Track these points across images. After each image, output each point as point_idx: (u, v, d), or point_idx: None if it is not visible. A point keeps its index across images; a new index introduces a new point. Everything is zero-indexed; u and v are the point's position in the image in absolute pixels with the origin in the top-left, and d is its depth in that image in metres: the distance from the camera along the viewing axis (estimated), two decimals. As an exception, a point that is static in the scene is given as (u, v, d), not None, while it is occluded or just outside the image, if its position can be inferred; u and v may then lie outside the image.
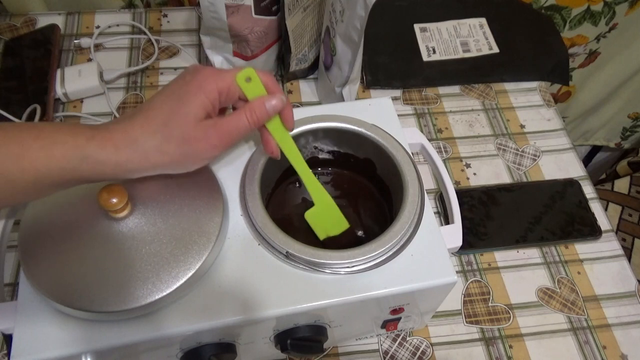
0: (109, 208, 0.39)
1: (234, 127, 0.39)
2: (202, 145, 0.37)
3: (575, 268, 0.60)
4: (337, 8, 0.59)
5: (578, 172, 0.68)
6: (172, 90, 0.38)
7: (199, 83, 0.37)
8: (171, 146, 0.36)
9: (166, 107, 0.37)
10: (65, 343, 0.38)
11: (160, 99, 0.38)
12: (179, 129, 0.36)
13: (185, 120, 0.36)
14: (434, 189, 0.66)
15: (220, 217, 0.42)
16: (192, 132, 0.36)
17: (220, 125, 0.38)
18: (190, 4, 0.82)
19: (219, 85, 0.38)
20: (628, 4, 0.92)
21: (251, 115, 0.39)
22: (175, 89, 0.38)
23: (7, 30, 0.76)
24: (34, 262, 0.39)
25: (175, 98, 0.37)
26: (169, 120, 0.36)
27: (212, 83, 0.38)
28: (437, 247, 0.44)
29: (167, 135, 0.36)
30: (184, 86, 0.38)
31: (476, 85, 0.76)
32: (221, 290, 0.40)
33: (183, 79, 0.38)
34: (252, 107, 0.39)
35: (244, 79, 0.39)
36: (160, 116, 0.36)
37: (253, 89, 0.40)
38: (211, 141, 0.37)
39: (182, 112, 0.36)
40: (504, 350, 0.55)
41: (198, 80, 0.38)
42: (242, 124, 0.39)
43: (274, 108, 0.40)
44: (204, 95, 0.37)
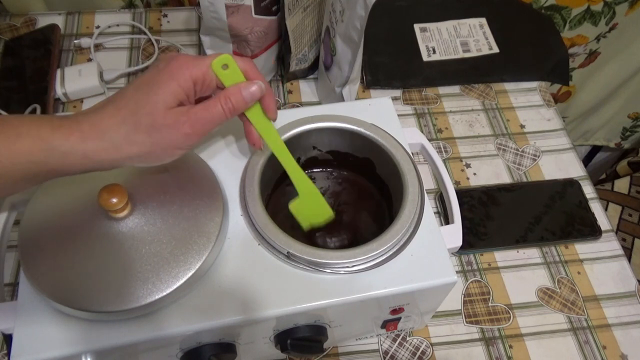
0: (109, 208, 0.39)
1: (208, 114, 0.37)
2: (173, 133, 0.35)
3: (575, 268, 0.60)
4: (337, 8, 0.59)
5: (578, 172, 0.68)
6: (144, 79, 0.36)
7: (171, 71, 0.36)
8: (140, 135, 0.35)
9: (136, 96, 0.35)
10: (65, 343, 0.38)
11: (132, 88, 0.36)
12: (148, 117, 0.35)
13: (155, 108, 0.35)
14: (434, 189, 0.66)
15: (220, 217, 0.42)
16: (161, 119, 0.35)
17: (194, 113, 0.36)
18: (190, 4, 0.82)
19: (193, 73, 0.36)
20: (628, 4, 0.92)
21: (226, 102, 0.37)
22: (148, 78, 0.36)
23: (7, 30, 0.76)
24: (34, 262, 0.39)
25: (146, 87, 0.35)
26: (137, 109, 0.35)
27: (186, 71, 0.36)
28: (437, 247, 0.44)
29: (135, 123, 0.35)
30: (156, 75, 0.36)
31: (476, 85, 0.76)
32: (221, 290, 0.40)
33: (156, 68, 0.36)
34: (227, 94, 0.37)
35: (221, 66, 0.37)
36: (130, 105, 0.35)
37: (230, 76, 0.38)
38: (183, 129, 0.36)
39: (152, 100, 0.35)
40: (504, 350, 0.55)
41: (171, 68, 0.36)
42: (216, 111, 0.37)
43: (251, 95, 0.38)
44: (176, 84, 0.35)
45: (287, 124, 0.49)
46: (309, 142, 0.51)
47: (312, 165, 0.54)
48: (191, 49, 0.76)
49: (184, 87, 0.36)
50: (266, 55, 0.68)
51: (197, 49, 0.76)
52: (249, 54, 0.66)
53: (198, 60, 0.37)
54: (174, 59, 0.37)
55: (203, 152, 0.47)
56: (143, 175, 0.43)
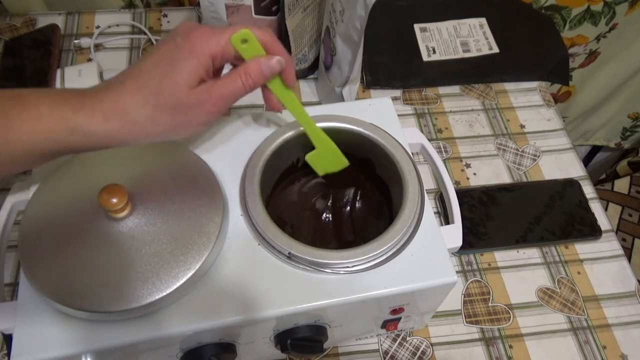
0: (109, 208, 0.39)
1: (229, 90, 0.37)
2: (196, 112, 0.36)
3: (575, 268, 0.60)
4: (337, 8, 0.59)
5: (578, 172, 0.68)
6: (162, 53, 0.36)
7: (190, 47, 0.35)
8: (164, 115, 0.35)
9: (157, 74, 0.35)
10: (65, 343, 0.38)
11: (151, 62, 0.36)
12: (171, 97, 0.35)
13: (177, 89, 0.35)
14: (434, 189, 0.66)
15: (220, 217, 0.42)
16: (184, 100, 0.35)
17: (215, 90, 0.36)
18: (190, 4, 0.82)
19: (212, 48, 0.36)
20: (628, 4, 0.92)
21: (246, 78, 0.37)
22: (166, 53, 0.36)
23: (7, 30, 0.76)
24: (34, 262, 0.39)
25: (166, 63, 0.35)
26: (160, 88, 0.34)
27: (205, 46, 0.36)
28: (437, 247, 0.44)
29: (159, 104, 0.35)
30: (175, 50, 0.35)
31: (476, 85, 0.76)
32: (221, 290, 0.40)
33: (174, 41, 0.36)
34: (247, 69, 0.37)
35: (240, 41, 0.37)
36: (151, 84, 0.35)
37: (250, 50, 0.38)
38: (205, 108, 0.36)
39: (174, 80, 0.35)
40: (504, 350, 0.55)
41: (190, 44, 0.35)
42: (237, 87, 0.37)
43: (271, 70, 0.38)
44: (196, 60, 0.35)
45: (287, 124, 0.49)
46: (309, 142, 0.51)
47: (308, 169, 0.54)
48: (191, 49, 0.76)
49: (204, 63, 0.36)
50: (266, 55, 0.68)
51: (197, 49, 0.76)
52: (249, 54, 0.66)
53: (216, 34, 0.36)
54: (191, 32, 0.36)
55: (203, 152, 0.47)
56: (143, 175, 0.43)
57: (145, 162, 0.44)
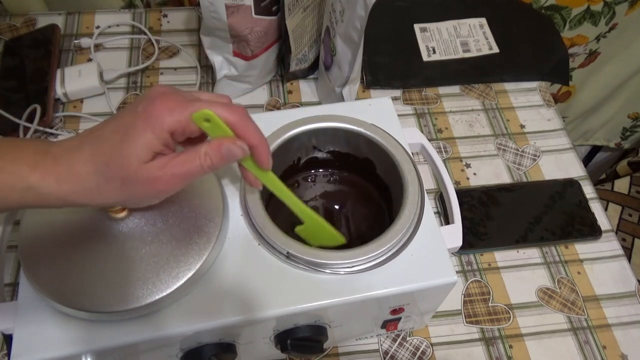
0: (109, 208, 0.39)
1: (185, 170, 0.35)
2: (146, 188, 0.34)
3: (575, 268, 0.60)
4: (337, 8, 0.59)
5: (578, 172, 0.68)
6: (123, 119, 0.34)
7: (147, 118, 0.33)
8: (112, 187, 0.34)
9: (112, 142, 0.33)
10: (65, 343, 0.38)
11: (110, 128, 0.34)
12: (121, 170, 0.33)
13: (128, 162, 0.33)
14: (434, 189, 0.66)
15: (220, 217, 0.42)
16: (134, 174, 0.33)
17: (169, 168, 0.34)
18: (190, 4, 0.82)
19: (170, 124, 0.33)
20: (628, 4, 0.92)
21: (205, 159, 0.35)
22: (125, 121, 0.34)
23: (7, 30, 0.76)
24: (34, 262, 0.39)
25: (122, 132, 0.33)
26: (111, 160, 0.33)
27: (163, 121, 0.33)
28: (437, 247, 0.44)
29: (107, 175, 0.33)
30: (134, 119, 0.34)
31: (476, 85, 0.76)
32: (221, 290, 0.40)
33: (135, 110, 0.34)
34: (207, 151, 0.35)
35: (203, 119, 0.34)
36: (105, 152, 0.33)
37: (214, 129, 0.35)
38: (156, 185, 0.34)
39: (125, 152, 0.33)
40: (504, 350, 0.55)
41: (147, 115, 0.33)
42: (194, 167, 0.35)
43: (232, 155, 0.36)
44: (151, 135, 0.33)
45: (287, 124, 0.49)
46: (309, 142, 0.51)
47: (312, 165, 0.54)
48: (191, 49, 0.76)
49: (160, 137, 0.33)
50: (266, 55, 0.68)
51: (197, 49, 0.76)
52: (249, 54, 0.66)
53: (179, 108, 0.34)
54: (153, 102, 0.34)
55: (203, 152, 0.47)
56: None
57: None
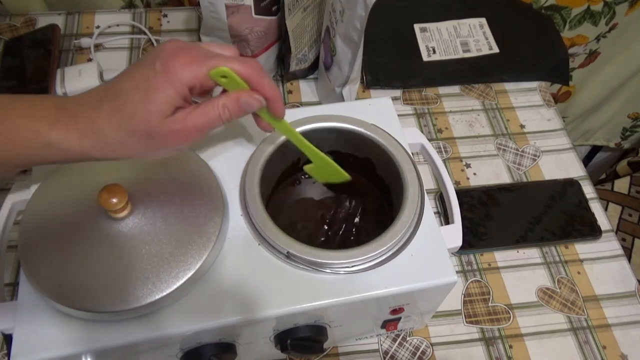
0: (109, 208, 0.39)
1: (204, 121, 0.36)
2: (168, 140, 0.36)
3: (575, 268, 0.60)
4: (337, 8, 0.59)
5: (578, 172, 0.68)
6: (141, 76, 0.35)
7: (167, 75, 0.35)
8: (136, 141, 0.35)
9: (133, 98, 0.35)
10: (65, 343, 0.38)
11: (129, 84, 0.35)
12: (144, 125, 0.35)
13: (151, 117, 0.34)
14: (434, 189, 0.66)
15: (220, 217, 0.42)
16: (157, 129, 0.35)
17: (190, 120, 0.36)
18: (190, 4, 0.82)
19: (190, 79, 0.35)
20: (628, 4, 0.92)
21: (224, 111, 0.37)
22: (144, 77, 0.35)
23: (7, 30, 0.76)
24: (34, 262, 0.39)
25: (142, 88, 0.35)
26: (134, 115, 0.34)
27: (182, 76, 0.35)
28: (437, 247, 0.44)
29: (131, 129, 0.35)
30: (153, 76, 0.35)
31: (476, 85, 0.76)
32: (221, 290, 0.40)
33: (153, 67, 0.35)
34: (226, 102, 0.37)
35: (220, 75, 0.36)
36: (127, 108, 0.35)
37: (231, 84, 0.37)
38: (178, 137, 0.36)
39: (148, 108, 0.34)
40: (504, 350, 0.55)
41: (167, 72, 0.35)
42: (213, 118, 0.36)
43: (250, 107, 0.38)
44: (172, 90, 0.35)
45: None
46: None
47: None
48: (191, 49, 0.76)
49: (180, 93, 0.35)
50: (266, 55, 0.68)
51: (197, 49, 0.76)
52: (249, 54, 0.66)
53: (196, 64, 0.35)
54: (171, 58, 0.35)
55: (203, 152, 0.47)
56: (143, 175, 0.43)
57: (146, 162, 0.44)
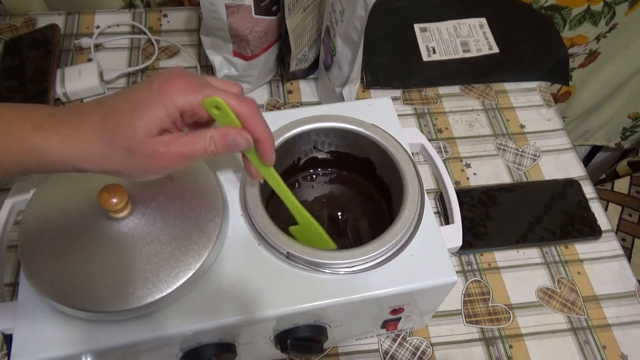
0: (109, 208, 0.39)
1: (188, 151, 0.35)
2: (150, 161, 0.34)
3: (575, 268, 0.60)
4: (337, 8, 0.59)
5: (578, 172, 0.68)
6: (136, 93, 0.35)
7: (161, 95, 0.34)
8: (116, 155, 0.34)
9: (122, 111, 0.34)
10: (65, 343, 0.38)
11: (122, 98, 0.35)
12: (126, 140, 0.33)
13: (135, 133, 0.33)
14: (434, 189, 0.66)
15: (220, 217, 0.42)
16: (139, 145, 0.34)
17: (174, 146, 0.34)
18: (190, 4, 0.82)
19: (182, 104, 0.34)
20: (628, 4, 0.92)
21: (210, 144, 0.35)
22: (139, 94, 0.35)
23: (7, 30, 0.76)
24: (34, 262, 0.39)
25: (134, 103, 0.34)
26: (118, 128, 0.33)
27: (176, 100, 0.34)
28: (437, 247, 0.44)
29: (112, 142, 0.34)
30: (147, 93, 0.34)
31: (476, 85, 0.76)
32: (221, 290, 0.40)
33: (150, 85, 0.35)
34: (213, 135, 0.35)
35: (213, 106, 0.35)
36: (113, 119, 0.34)
37: (223, 117, 0.36)
38: (159, 160, 0.34)
39: (134, 123, 0.33)
40: (504, 350, 0.55)
41: (162, 92, 0.34)
42: (198, 149, 0.35)
43: (236, 145, 0.36)
44: (163, 111, 0.33)
45: (287, 124, 0.49)
46: (309, 142, 0.51)
47: (312, 165, 0.54)
48: (191, 49, 0.76)
49: (170, 114, 0.34)
50: (266, 55, 0.68)
51: (197, 49, 0.76)
52: (249, 54, 0.66)
53: (192, 91, 0.35)
54: (169, 81, 0.35)
55: (203, 152, 0.47)
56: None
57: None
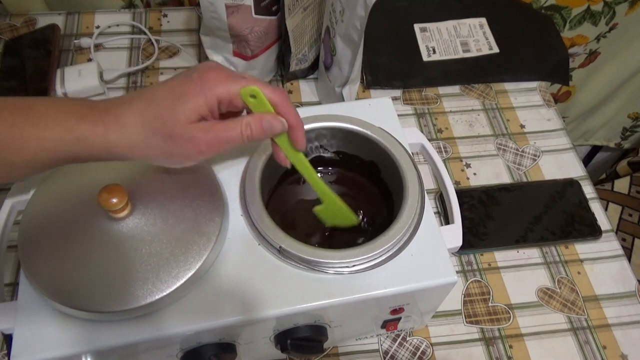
0: (109, 208, 0.39)
1: (226, 136, 0.38)
2: (188, 147, 0.37)
3: (575, 268, 0.60)
4: (337, 8, 0.59)
5: (578, 172, 0.68)
6: (176, 84, 0.37)
7: (202, 85, 0.37)
8: (157, 140, 0.36)
9: (163, 102, 0.36)
10: (65, 343, 0.38)
11: (163, 90, 0.37)
12: (168, 125, 0.36)
13: (176, 119, 0.36)
14: (434, 189, 0.66)
15: (220, 217, 0.42)
16: (179, 131, 0.36)
17: (212, 131, 0.37)
18: (190, 4, 0.82)
19: (221, 93, 0.37)
20: (628, 4, 0.92)
21: (246, 129, 0.38)
22: (179, 85, 0.37)
23: (7, 30, 0.76)
24: (34, 262, 0.39)
25: (174, 94, 0.37)
26: (161, 115, 0.36)
27: (215, 89, 0.37)
28: (437, 247, 0.44)
29: (155, 129, 0.36)
30: (187, 84, 0.37)
31: (476, 85, 0.76)
32: (221, 290, 0.40)
33: (190, 76, 0.37)
34: (249, 121, 0.38)
35: (249, 95, 0.38)
36: (155, 109, 0.36)
37: (258, 105, 0.38)
38: (198, 146, 0.37)
39: (175, 110, 0.36)
40: (504, 350, 0.55)
41: (202, 82, 0.37)
42: (235, 134, 0.38)
43: (272, 129, 0.39)
44: (202, 99, 0.36)
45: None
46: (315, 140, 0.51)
47: (317, 164, 0.54)
48: (191, 49, 0.76)
49: (208, 103, 0.37)
50: (266, 55, 0.68)
51: (197, 49, 0.76)
52: (248, 54, 0.66)
53: (230, 81, 0.37)
54: (208, 72, 0.37)
55: (203, 152, 0.47)
56: (143, 175, 0.43)
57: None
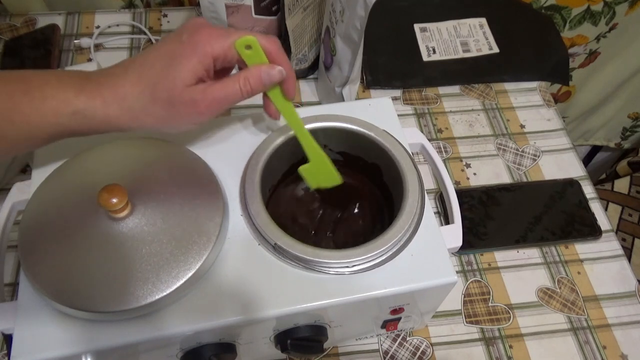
0: (109, 208, 0.39)
1: (225, 94, 0.37)
2: (189, 110, 0.37)
3: (575, 268, 0.60)
4: (337, 8, 0.59)
5: (578, 172, 0.68)
6: (167, 48, 0.37)
7: (194, 45, 0.36)
8: (157, 108, 0.36)
9: (158, 67, 0.36)
10: (65, 343, 0.38)
11: (154, 55, 0.37)
12: (166, 92, 0.36)
13: (173, 84, 0.36)
14: (434, 189, 0.66)
15: (220, 217, 0.42)
16: (178, 96, 0.36)
17: (210, 92, 0.37)
18: (190, 4, 0.82)
19: (215, 50, 0.36)
20: (628, 4, 0.92)
21: (245, 84, 0.38)
22: (170, 48, 0.37)
23: (7, 30, 0.76)
24: (34, 262, 0.39)
25: (167, 58, 0.36)
26: (158, 82, 0.36)
27: (208, 47, 0.36)
28: (437, 247, 0.44)
29: (153, 96, 0.36)
30: (179, 47, 0.36)
31: (476, 85, 0.76)
32: (221, 290, 0.40)
33: (179, 38, 0.37)
34: (247, 75, 0.38)
35: (244, 46, 0.37)
36: (151, 76, 0.36)
37: (253, 56, 0.38)
38: (198, 107, 0.37)
39: (172, 75, 0.36)
40: (504, 350, 0.55)
41: (193, 42, 0.36)
42: (233, 92, 0.38)
43: (271, 79, 0.39)
44: (196, 60, 0.36)
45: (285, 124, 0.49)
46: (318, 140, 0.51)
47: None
48: (191, 49, 0.76)
49: (204, 63, 0.36)
50: (266, 55, 0.68)
51: (197, 49, 0.76)
52: (249, 54, 0.66)
53: (222, 36, 0.37)
54: (197, 31, 0.37)
55: (203, 152, 0.47)
56: (143, 175, 0.43)
57: (145, 161, 0.44)
